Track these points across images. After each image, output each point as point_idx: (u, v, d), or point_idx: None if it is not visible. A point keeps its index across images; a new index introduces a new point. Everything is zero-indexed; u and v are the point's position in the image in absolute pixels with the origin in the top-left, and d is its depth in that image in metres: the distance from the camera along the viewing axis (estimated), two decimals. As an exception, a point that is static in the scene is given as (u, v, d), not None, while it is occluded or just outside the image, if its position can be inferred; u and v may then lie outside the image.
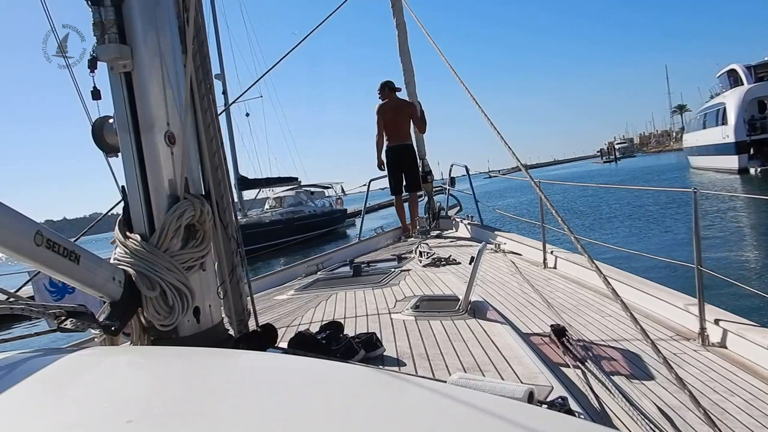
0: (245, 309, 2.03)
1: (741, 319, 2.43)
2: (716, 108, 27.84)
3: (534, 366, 1.90)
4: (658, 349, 1.77)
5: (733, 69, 27.60)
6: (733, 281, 2.90)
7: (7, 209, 1.23)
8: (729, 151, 25.34)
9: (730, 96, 26.52)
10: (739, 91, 26.00)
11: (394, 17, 7.05)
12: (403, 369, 2.00)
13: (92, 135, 1.82)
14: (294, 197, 27.86)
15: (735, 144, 24.92)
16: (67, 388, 0.91)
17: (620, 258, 7.94)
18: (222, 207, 1.93)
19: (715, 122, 27.46)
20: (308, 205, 28.34)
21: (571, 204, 20.47)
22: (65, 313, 1.44)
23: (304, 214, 26.74)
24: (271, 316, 3.14)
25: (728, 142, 25.44)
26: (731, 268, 8.26)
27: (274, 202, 27.55)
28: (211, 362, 1.05)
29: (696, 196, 2.65)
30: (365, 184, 7.62)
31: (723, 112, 26.32)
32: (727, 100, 26.45)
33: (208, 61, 1.94)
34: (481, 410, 0.73)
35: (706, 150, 29.42)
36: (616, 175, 43.35)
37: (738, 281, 3.02)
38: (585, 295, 3.28)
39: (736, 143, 24.87)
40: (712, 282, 3.13)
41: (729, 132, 25.31)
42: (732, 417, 1.75)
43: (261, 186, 25.65)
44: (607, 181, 34.18)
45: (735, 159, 25.00)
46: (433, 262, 4.49)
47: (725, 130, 25.76)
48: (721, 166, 26.64)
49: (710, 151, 28.39)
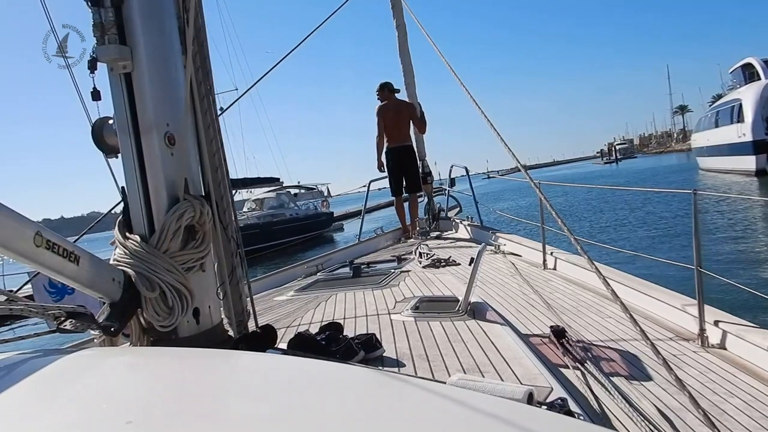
0: (245, 310, 2.03)
1: (740, 320, 2.43)
2: (731, 105, 25.64)
3: (533, 367, 1.90)
4: (658, 350, 1.77)
5: (749, 63, 25.73)
6: (733, 282, 2.90)
7: (6, 210, 1.23)
8: (745, 151, 23.25)
9: (746, 91, 24.39)
10: (756, 86, 23.92)
11: (394, 18, 7.06)
12: (402, 370, 2.00)
13: (92, 136, 1.82)
14: (275, 199, 26.07)
15: (752, 143, 22.82)
16: (66, 389, 0.91)
17: (620, 258, 7.95)
18: (222, 208, 1.93)
19: (729, 120, 25.27)
20: (290, 207, 26.49)
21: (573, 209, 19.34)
22: (65, 314, 1.44)
23: (285, 217, 24.89)
24: (271, 317, 3.14)
25: (745, 142, 23.33)
26: (732, 269, 8.26)
27: (253, 205, 25.76)
28: (211, 363, 1.05)
29: (695, 197, 2.66)
30: (365, 185, 7.63)
31: (739, 109, 24.18)
32: (743, 95, 24.25)
33: (208, 62, 1.94)
34: (480, 411, 0.73)
35: (718, 150, 27.19)
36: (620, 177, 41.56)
37: (738, 283, 3.02)
38: (584, 296, 3.28)
39: (753, 142, 22.75)
40: (713, 283, 3.13)
41: (746, 130, 23.16)
42: (731, 418, 1.75)
43: (237, 187, 23.02)
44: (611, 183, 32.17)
45: (752, 159, 22.92)
46: (432, 263, 4.49)
47: (741, 128, 23.64)
48: (736, 167, 24.56)
49: (723, 152, 26.18)
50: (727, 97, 27.96)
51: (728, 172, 25.86)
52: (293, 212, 26.14)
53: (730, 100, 26.55)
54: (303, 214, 26.90)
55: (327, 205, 30.78)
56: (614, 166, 71.65)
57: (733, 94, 26.54)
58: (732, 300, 4.90)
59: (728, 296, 4.93)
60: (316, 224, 27.25)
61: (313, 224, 26.77)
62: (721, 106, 28.06)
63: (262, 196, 26.19)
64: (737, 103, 24.68)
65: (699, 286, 2.46)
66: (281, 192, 26.83)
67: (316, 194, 31.11)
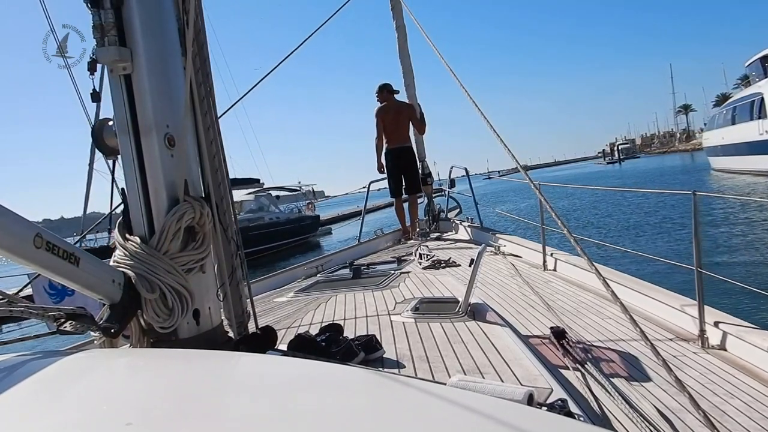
0: (245, 311, 2.03)
1: (741, 321, 2.43)
2: (750, 99, 23.24)
3: (533, 368, 1.90)
4: (658, 351, 1.77)
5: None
6: (734, 281, 2.90)
7: (6, 211, 1.23)
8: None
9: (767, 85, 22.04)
10: None
11: (394, 20, 7.07)
12: (402, 371, 2.00)
13: (92, 137, 1.82)
14: (254, 202, 24.16)
15: None
16: (66, 391, 0.91)
17: (620, 259, 7.94)
18: (222, 209, 1.93)
19: (748, 116, 22.95)
20: (271, 211, 24.40)
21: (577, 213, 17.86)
22: (65, 316, 1.44)
23: (264, 222, 22.90)
24: (271, 318, 3.14)
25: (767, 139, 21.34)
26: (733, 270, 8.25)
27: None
28: (211, 364, 1.05)
29: (696, 198, 2.66)
30: (365, 186, 7.63)
31: (760, 104, 21.88)
32: (765, 89, 21.94)
33: (208, 63, 1.94)
34: (480, 412, 0.73)
35: (735, 149, 24.84)
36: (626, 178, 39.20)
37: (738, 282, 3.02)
38: (585, 297, 3.28)
39: None
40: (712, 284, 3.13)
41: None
42: (732, 419, 1.75)
43: None
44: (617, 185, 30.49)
45: None
46: (432, 265, 4.49)
47: (763, 124, 21.51)
48: (757, 167, 22.38)
49: (742, 151, 23.86)
50: (745, 91, 25.50)
51: (747, 173, 23.82)
52: (273, 216, 24.13)
53: (748, 94, 24.02)
54: (284, 218, 24.80)
55: (313, 207, 28.77)
56: (617, 167, 68.97)
57: (752, 89, 24.22)
58: (732, 301, 4.90)
59: (729, 297, 4.93)
60: (299, 229, 25.41)
61: (295, 229, 24.96)
62: (737, 101, 25.70)
63: (240, 199, 23.77)
64: (758, 98, 22.38)
65: (699, 287, 2.46)
66: (261, 194, 24.88)
67: (300, 196, 29.17)
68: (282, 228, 23.52)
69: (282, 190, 28.03)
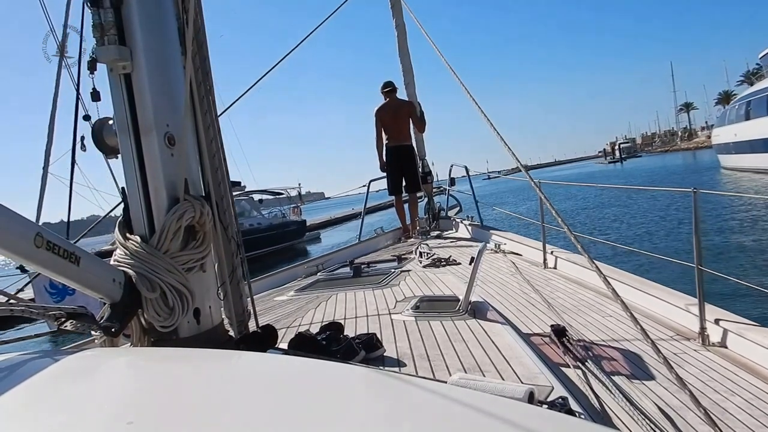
0: (245, 310, 2.03)
1: (741, 318, 2.43)
2: (767, 93, 21.93)
3: (534, 366, 1.90)
4: (659, 349, 1.77)
5: None
6: (734, 278, 2.90)
7: (6, 211, 1.23)
8: None
9: None
10: None
11: (394, 18, 7.06)
12: (403, 370, 2.00)
13: (92, 137, 1.83)
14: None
15: None
16: (67, 390, 0.91)
17: (621, 257, 7.94)
18: (222, 208, 1.93)
19: (765, 111, 21.54)
20: (252, 216, 22.88)
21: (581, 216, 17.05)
22: (65, 315, 1.45)
23: (244, 228, 20.69)
24: (272, 317, 3.14)
25: None
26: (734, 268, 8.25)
27: None
28: (212, 363, 1.05)
29: (696, 196, 2.65)
30: (365, 185, 7.63)
31: None
32: None
33: (208, 62, 1.94)
34: (481, 411, 0.73)
35: (750, 146, 23.21)
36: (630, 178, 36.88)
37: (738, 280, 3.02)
38: (585, 295, 3.28)
39: None
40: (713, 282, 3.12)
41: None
42: (732, 417, 1.75)
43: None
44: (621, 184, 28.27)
45: None
46: (433, 263, 4.49)
47: None
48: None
49: (758, 148, 22.32)
50: (760, 84, 23.97)
51: (763, 172, 22.15)
52: (255, 222, 22.54)
53: (765, 87, 22.59)
54: (267, 224, 23.16)
55: (299, 212, 26.87)
56: (619, 166, 66.57)
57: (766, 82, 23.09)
58: (733, 298, 4.90)
59: (729, 295, 4.93)
60: (283, 235, 23.76)
61: (279, 235, 23.34)
62: (752, 95, 23.96)
63: None
64: None
65: (699, 285, 2.46)
66: (242, 198, 23.01)
67: (285, 200, 27.09)
68: (263, 234, 21.91)
69: (265, 193, 26.23)
